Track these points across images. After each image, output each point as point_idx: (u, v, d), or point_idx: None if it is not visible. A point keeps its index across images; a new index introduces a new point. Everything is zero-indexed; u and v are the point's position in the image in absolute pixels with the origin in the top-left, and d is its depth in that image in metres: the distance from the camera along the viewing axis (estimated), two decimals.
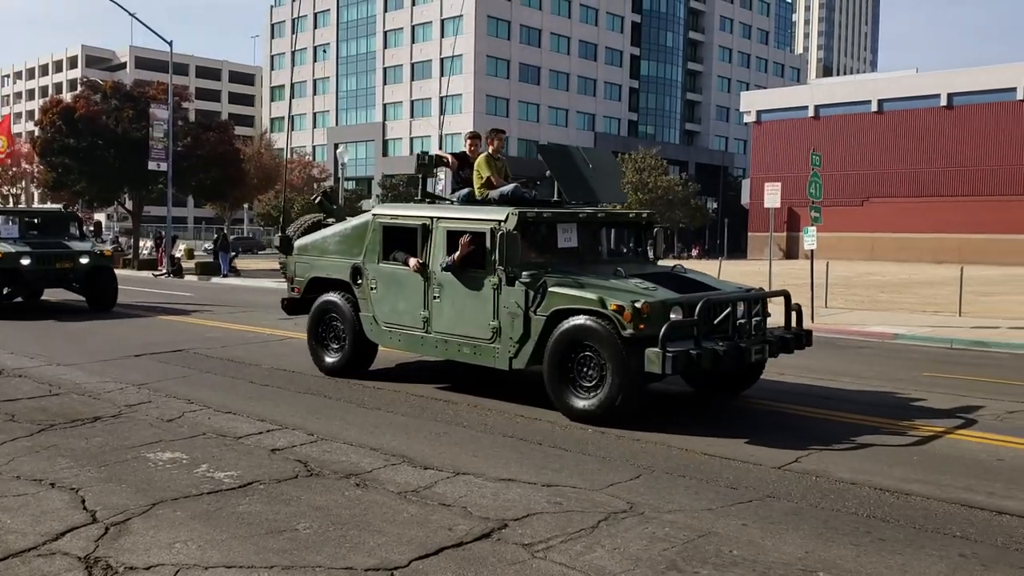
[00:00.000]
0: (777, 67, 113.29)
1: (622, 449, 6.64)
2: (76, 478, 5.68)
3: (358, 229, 9.30)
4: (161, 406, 7.98)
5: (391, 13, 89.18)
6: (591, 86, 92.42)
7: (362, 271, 9.13)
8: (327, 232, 9.74)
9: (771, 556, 4.49)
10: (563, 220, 8.34)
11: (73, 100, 38.03)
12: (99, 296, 16.88)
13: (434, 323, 8.50)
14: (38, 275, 16.03)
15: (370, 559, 4.36)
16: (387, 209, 9.36)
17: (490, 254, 7.95)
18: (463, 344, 8.27)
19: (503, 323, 7.89)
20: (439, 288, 8.43)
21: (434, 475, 5.85)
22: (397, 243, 8.88)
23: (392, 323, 8.89)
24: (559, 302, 7.53)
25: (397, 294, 8.81)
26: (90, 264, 16.46)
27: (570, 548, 4.54)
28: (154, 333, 13.40)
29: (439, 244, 8.44)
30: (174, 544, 4.53)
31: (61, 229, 17.74)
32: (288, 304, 10.34)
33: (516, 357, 7.85)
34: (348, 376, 9.38)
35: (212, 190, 41.59)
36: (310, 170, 77.11)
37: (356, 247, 9.24)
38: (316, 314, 9.67)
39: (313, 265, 9.80)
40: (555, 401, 7.60)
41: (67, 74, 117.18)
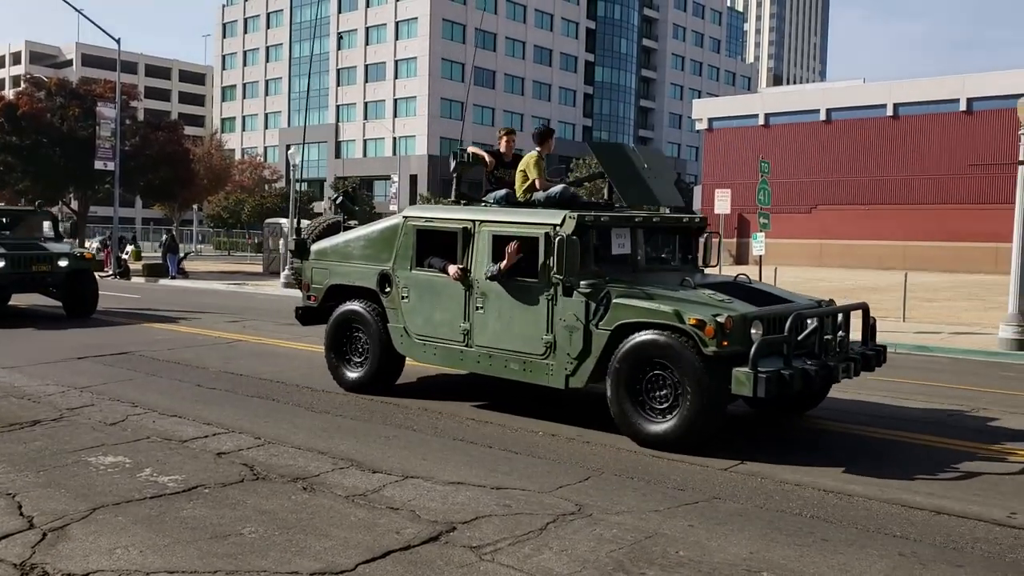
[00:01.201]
0: (728, 75, 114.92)
1: (572, 451, 6.67)
2: (13, 483, 5.54)
3: (386, 232, 8.56)
4: (104, 409, 7.81)
5: (345, 14, 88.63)
6: (546, 91, 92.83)
7: (391, 278, 8.39)
8: (350, 236, 8.97)
9: (716, 557, 4.54)
10: (619, 224, 7.60)
11: (16, 97, 37.17)
12: (78, 302, 15.64)
13: (476, 336, 7.76)
14: (12, 279, 14.70)
15: (316, 563, 4.32)
16: (420, 211, 8.61)
17: (544, 261, 7.25)
18: (511, 359, 7.54)
19: (559, 338, 7.19)
20: (483, 298, 7.70)
21: (382, 479, 5.82)
22: (432, 248, 8.16)
23: (426, 335, 8.15)
24: (626, 315, 6.83)
25: (433, 304, 8.09)
26: (69, 267, 15.15)
27: (518, 550, 4.54)
28: (99, 335, 13.12)
29: (483, 250, 7.71)
30: (115, 550, 4.44)
31: (34, 229, 16.41)
32: (303, 314, 9.52)
33: (574, 375, 7.14)
34: (373, 393, 8.61)
35: (161, 190, 40.93)
36: (261, 171, 76.19)
37: (384, 252, 8.49)
38: (336, 325, 8.87)
39: (333, 271, 9.01)
40: (620, 424, 6.88)
41: (10, 70, 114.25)
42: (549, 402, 8.50)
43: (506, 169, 8.60)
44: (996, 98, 49.17)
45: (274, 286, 25.69)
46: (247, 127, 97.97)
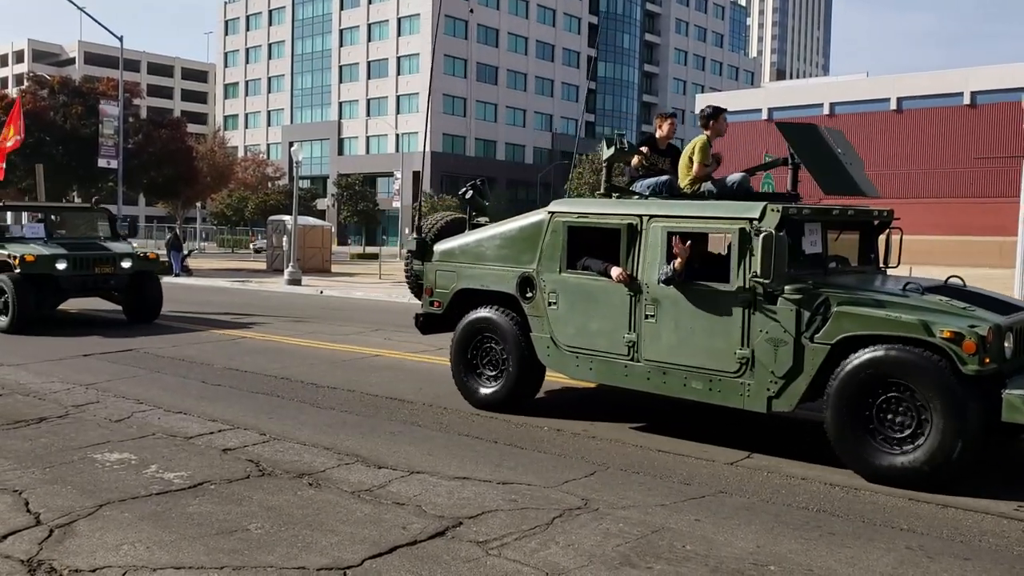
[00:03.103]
0: (731, 70, 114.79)
1: (577, 447, 6.66)
2: (19, 480, 5.55)
3: (528, 230, 7.65)
4: (109, 406, 7.82)
5: (347, 11, 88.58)
6: (548, 87, 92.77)
7: (535, 282, 7.46)
8: (482, 234, 8.06)
9: (723, 551, 4.53)
10: (813, 219, 6.61)
11: (19, 95, 37.16)
12: (142, 306, 14.46)
13: (646, 349, 6.77)
14: (74, 282, 13.52)
15: (323, 558, 4.32)
16: (570, 206, 7.62)
17: (738, 262, 6.31)
18: (692, 377, 6.52)
19: (759, 352, 6.19)
20: (655, 305, 6.71)
21: (388, 474, 5.82)
22: (588, 247, 7.27)
23: (579, 347, 7.21)
24: (852, 326, 5.82)
25: (588, 311, 7.14)
26: (133, 268, 14.00)
27: (525, 545, 4.54)
28: (104, 332, 13.12)
29: (654, 249, 6.74)
30: (121, 546, 4.45)
31: (90, 227, 15.36)
32: (424, 321, 8.63)
33: (779, 396, 6.14)
34: (508, 411, 7.68)
35: (164, 188, 40.97)
36: (264, 168, 76.24)
37: (526, 253, 7.56)
38: (466, 334, 7.95)
39: (462, 274, 8.07)
40: (842, 454, 5.96)
41: (13, 69, 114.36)
42: (553, 397, 8.51)
43: (661, 157, 7.76)
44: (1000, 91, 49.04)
45: (278, 283, 25.72)
46: (250, 124, 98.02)
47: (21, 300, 12.75)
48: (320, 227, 35.65)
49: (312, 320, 15.42)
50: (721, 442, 6.81)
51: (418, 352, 11.56)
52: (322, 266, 32.91)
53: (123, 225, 16.53)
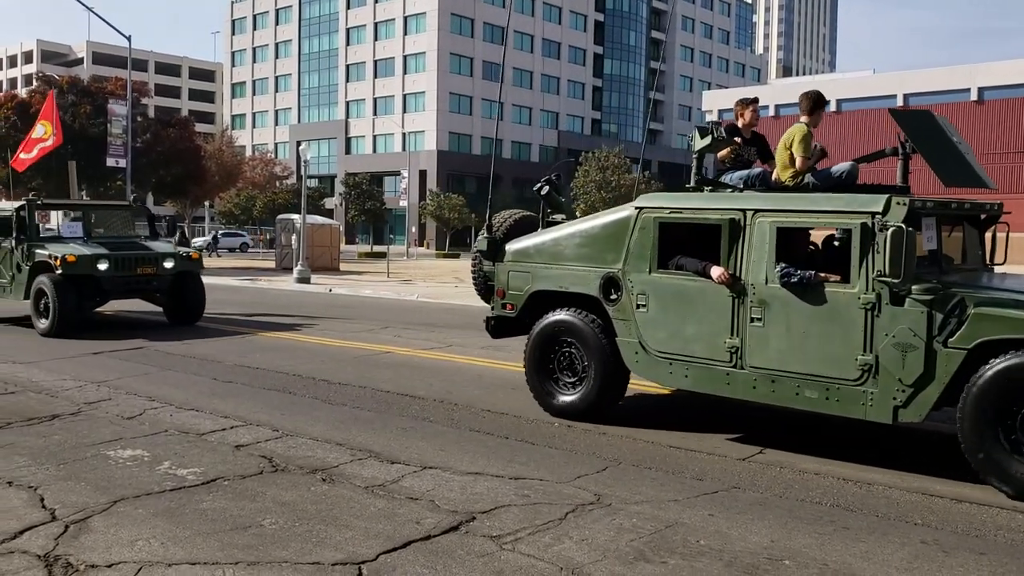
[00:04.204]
0: (738, 67, 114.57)
1: (589, 442, 6.66)
2: (34, 476, 5.57)
3: (612, 227, 7.13)
4: (121, 403, 7.85)
5: (353, 10, 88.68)
6: (555, 84, 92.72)
7: (620, 283, 6.97)
8: (560, 233, 7.59)
9: (737, 545, 4.53)
10: (933, 213, 6.16)
11: (28, 95, 37.38)
12: (184, 308, 13.99)
13: (751, 355, 6.28)
14: (116, 283, 13.05)
15: (337, 553, 4.32)
16: (660, 200, 7.08)
17: (859, 260, 5.84)
18: (806, 385, 6.04)
19: (884, 358, 5.71)
20: (762, 307, 6.22)
21: (401, 469, 5.82)
22: (681, 245, 6.80)
23: (673, 352, 6.72)
24: (994, 329, 5.36)
25: (683, 314, 6.65)
26: (175, 269, 13.47)
27: (538, 540, 4.54)
28: (113, 330, 13.15)
29: (760, 246, 6.25)
30: (136, 542, 4.46)
31: (128, 226, 15.01)
32: (496, 325, 8.17)
33: (907, 406, 5.66)
34: (590, 420, 7.23)
35: (172, 187, 41.11)
36: (272, 167, 76.43)
37: (610, 251, 7.07)
38: (542, 339, 7.50)
39: (538, 275, 7.60)
40: (983, 470, 5.49)
41: (22, 69, 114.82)
42: None
43: (746, 147, 7.27)
44: (1007, 87, 48.81)
45: (287, 281, 25.78)
46: (257, 124, 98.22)
47: (62, 302, 12.31)
48: (328, 226, 35.73)
49: (322, 318, 15.45)
50: (733, 437, 6.81)
51: (427, 349, 11.58)
52: (330, 265, 32.98)
53: (161, 225, 16.03)
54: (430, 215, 70.23)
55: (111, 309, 15.32)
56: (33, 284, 12.71)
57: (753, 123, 7.37)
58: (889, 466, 6.09)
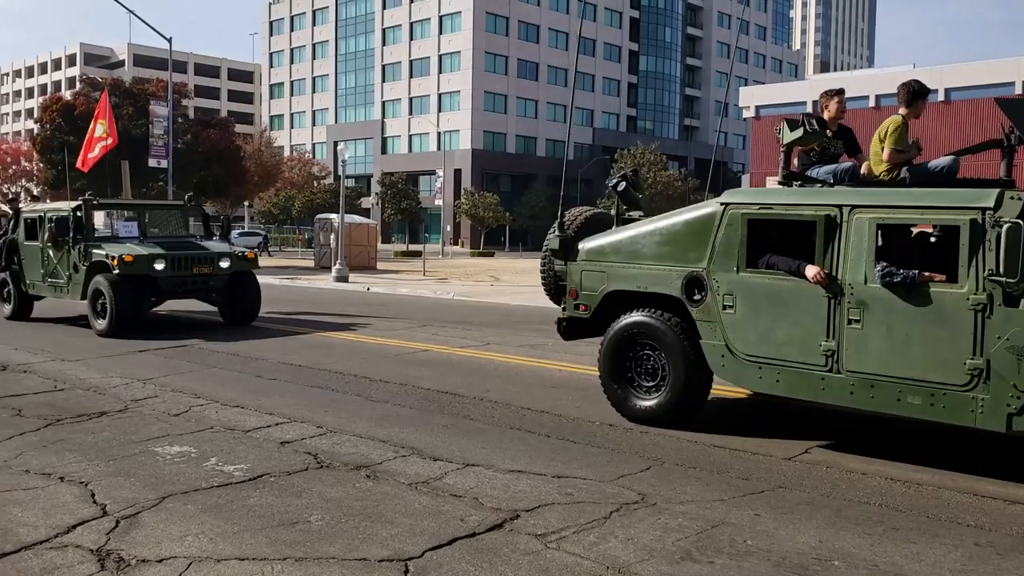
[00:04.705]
0: (775, 63, 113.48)
1: (631, 442, 6.62)
2: (85, 472, 5.66)
3: (695, 224, 6.80)
4: (167, 400, 7.96)
5: (389, 10, 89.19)
6: (589, 82, 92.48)
7: (704, 283, 6.65)
8: (637, 230, 7.25)
9: (785, 545, 4.48)
10: None
11: (72, 97, 38.08)
12: (240, 308, 13.88)
13: (849, 358, 5.97)
14: (173, 283, 12.96)
15: (384, 550, 4.34)
16: (749, 196, 6.80)
17: (968, 258, 5.52)
18: (909, 391, 5.73)
19: (996, 362, 5.40)
20: (861, 308, 5.91)
21: (444, 466, 5.84)
22: (772, 243, 6.51)
23: (763, 356, 6.40)
24: None
25: (775, 316, 6.32)
26: (231, 269, 13.41)
27: (583, 539, 4.52)
28: (157, 328, 13.34)
29: (858, 244, 5.94)
30: (185, 537, 4.51)
31: (182, 226, 14.94)
32: (568, 326, 7.85)
33: (1022, 414, 5.39)
34: (671, 426, 6.94)
35: (213, 187, 41.61)
36: (310, 167, 77.10)
37: (694, 249, 6.75)
38: (618, 341, 7.17)
39: (613, 275, 7.29)
40: None
41: (66, 72, 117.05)
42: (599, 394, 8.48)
43: (833, 140, 6.97)
44: None
45: (326, 280, 26.01)
46: (295, 124, 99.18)
47: (120, 302, 12.30)
48: (366, 225, 35.99)
49: (361, 316, 15.56)
50: (778, 437, 6.73)
51: (465, 347, 11.60)
52: (368, 263, 33.23)
53: (215, 224, 15.82)
54: (465, 214, 70.44)
55: (165, 309, 15.35)
56: (90, 284, 12.74)
57: (839, 115, 7.03)
58: (938, 466, 5.99)
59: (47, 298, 14.45)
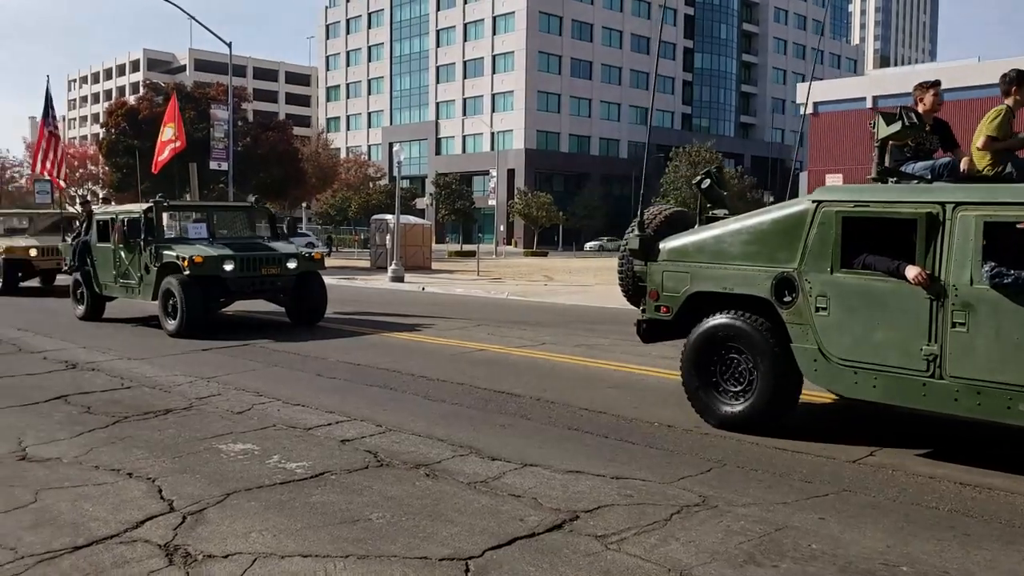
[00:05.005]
0: (833, 58, 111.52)
1: (690, 443, 6.56)
2: (152, 468, 5.79)
3: (785, 223, 6.54)
4: (230, 398, 8.11)
5: (443, 12, 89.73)
6: (644, 80, 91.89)
7: (796, 284, 6.39)
8: (723, 229, 7.01)
9: (851, 550, 4.39)
10: None
11: (136, 102, 39.02)
12: (307, 308, 13.99)
13: (953, 364, 5.70)
14: (242, 284, 13.04)
15: (444, 549, 4.36)
16: (842, 193, 6.51)
17: None
18: (1020, 397, 5.46)
19: None
20: (965, 310, 5.65)
21: (502, 466, 5.84)
22: (869, 242, 6.22)
23: (858, 360, 6.14)
24: None
25: (872, 318, 6.06)
26: (298, 270, 13.48)
27: (644, 540, 4.49)
28: (219, 328, 13.58)
29: (963, 243, 5.67)
30: (250, 533, 4.58)
31: (249, 227, 14.97)
32: (648, 328, 7.58)
33: None
34: (757, 432, 6.70)
35: (272, 189, 42.34)
36: (366, 169, 77.94)
37: (783, 249, 6.50)
38: (703, 344, 6.95)
39: (697, 275, 7.05)
40: None
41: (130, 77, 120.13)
42: (657, 395, 8.41)
43: (929, 135, 6.71)
44: None
45: (382, 280, 26.27)
46: (351, 126, 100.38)
47: (190, 303, 12.40)
48: (420, 225, 36.26)
49: (417, 316, 15.67)
50: (841, 439, 6.60)
51: (521, 347, 11.61)
52: (422, 263, 33.47)
53: (281, 225, 15.74)
54: (518, 213, 70.54)
55: (232, 310, 15.48)
56: (161, 285, 12.88)
57: (935, 108, 6.75)
58: (1009, 470, 5.81)
59: (118, 299, 14.73)
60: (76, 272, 15.03)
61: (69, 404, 7.84)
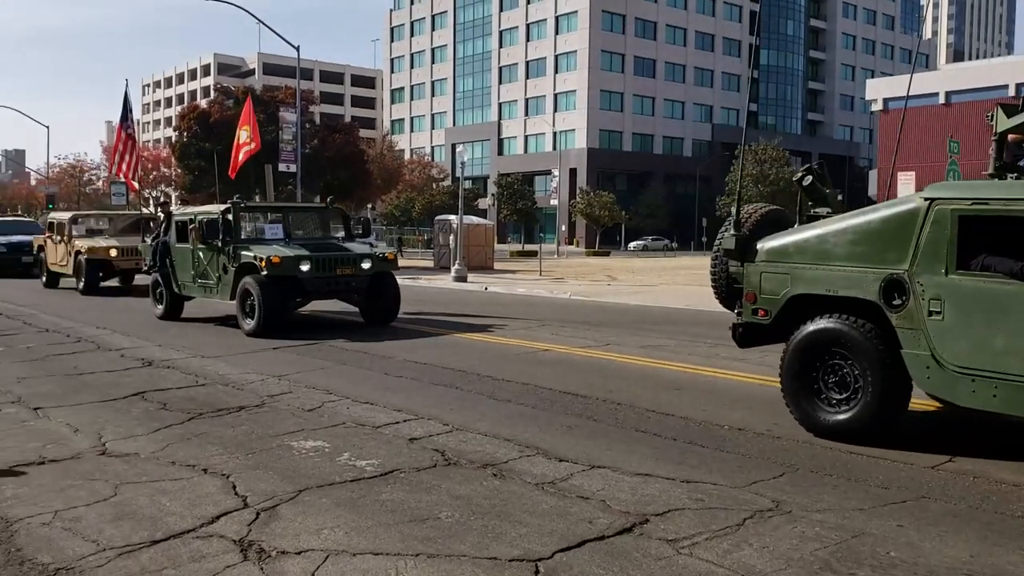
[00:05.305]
0: (904, 53, 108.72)
1: (762, 447, 6.44)
2: (226, 464, 5.91)
3: (895, 222, 6.20)
4: (301, 396, 8.23)
5: (506, 12, 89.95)
6: (708, 77, 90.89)
7: (906, 286, 6.07)
8: (826, 228, 6.68)
9: (932, 559, 4.26)
10: None
11: (208, 106, 39.95)
12: (380, 308, 14.00)
13: None
14: (318, 284, 13.14)
15: (514, 550, 4.36)
16: (957, 190, 6.16)
17: None
18: None
19: None
20: None
21: (569, 467, 5.82)
22: (989, 242, 5.90)
23: (977, 368, 5.81)
24: None
25: (993, 323, 5.73)
26: (372, 270, 13.54)
27: (716, 546, 4.42)
28: (293, 328, 13.78)
29: None
30: (322, 530, 4.64)
31: (323, 227, 15.20)
32: (744, 333, 7.31)
33: None
34: (863, 442, 6.35)
35: (339, 190, 42.97)
36: (429, 170, 78.60)
37: (893, 250, 6.16)
38: (804, 350, 6.63)
39: (798, 277, 6.73)
40: None
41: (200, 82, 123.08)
42: (726, 397, 8.29)
43: None
44: None
45: (445, 280, 26.44)
46: (415, 128, 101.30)
47: (267, 303, 12.55)
48: (483, 225, 36.43)
49: (480, 316, 15.73)
50: (918, 444, 6.41)
51: (586, 347, 11.56)
52: (485, 263, 33.61)
53: (356, 225, 15.68)
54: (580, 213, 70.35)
55: (306, 310, 15.52)
56: (239, 285, 13.06)
57: None
58: None
59: (196, 298, 15.02)
60: (155, 272, 15.36)
61: (146, 400, 8.05)
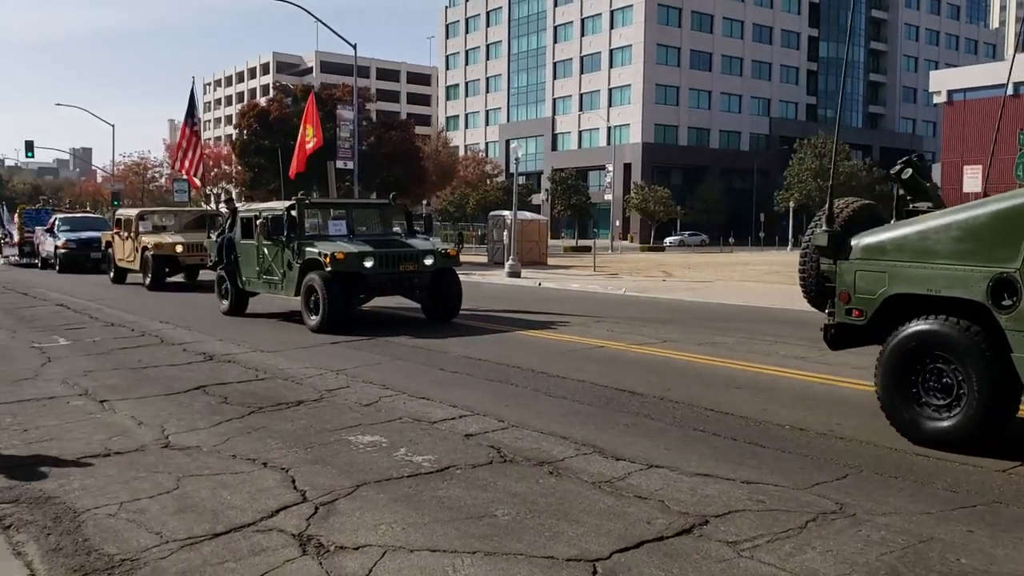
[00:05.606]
0: (970, 43, 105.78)
1: (824, 447, 6.30)
2: (285, 458, 5.96)
3: (1004, 217, 5.81)
4: (359, 391, 8.30)
5: (561, 8, 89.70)
6: (766, 70, 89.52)
7: (1018, 286, 5.68)
8: (927, 224, 6.31)
9: (1005, 567, 4.11)
10: None
11: (267, 104, 40.57)
12: (442, 305, 14.00)
13: None
14: (381, 280, 13.18)
15: (571, 549, 4.32)
16: None
17: None
18: None
19: None
20: None
21: (627, 467, 5.76)
22: None
23: None
24: None
25: None
26: (435, 266, 13.57)
27: (778, 548, 4.33)
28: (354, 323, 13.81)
29: None
30: (379, 526, 4.65)
31: (385, 224, 15.25)
32: (837, 334, 6.98)
33: None
34: (965, 451, 6.03)
35: (395, 187, 43.34)
36: (483, 166, 78.81)
37: (1003, 247, 5.77)
38: (903, 352, 6.29)
39: (897, 275, 6.36)
40: None
41: (260, 80, 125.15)
42: (786, 396, 8.14)
43: None
44: None
45: (499, 275, 26.46)
46: (469, 124, 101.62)
47: (331, 299, 12.56)
48: (537, 221, 36.36)
49: (535, 311, 15.70)
50: (985, 447, 6.19)
51: (641, 344, 11.46)
52: (539, 259, 33.55)
53: (419, 222, 15.66)
54: (635, 208, 69.89)
55: (368, 306, 15.30)
56: (303, 281, 13.11)
57: None
58: None
59: (260, 294, 15.19)
60: (220, 268, 15.58)
61: (207, 394, 8.19)
